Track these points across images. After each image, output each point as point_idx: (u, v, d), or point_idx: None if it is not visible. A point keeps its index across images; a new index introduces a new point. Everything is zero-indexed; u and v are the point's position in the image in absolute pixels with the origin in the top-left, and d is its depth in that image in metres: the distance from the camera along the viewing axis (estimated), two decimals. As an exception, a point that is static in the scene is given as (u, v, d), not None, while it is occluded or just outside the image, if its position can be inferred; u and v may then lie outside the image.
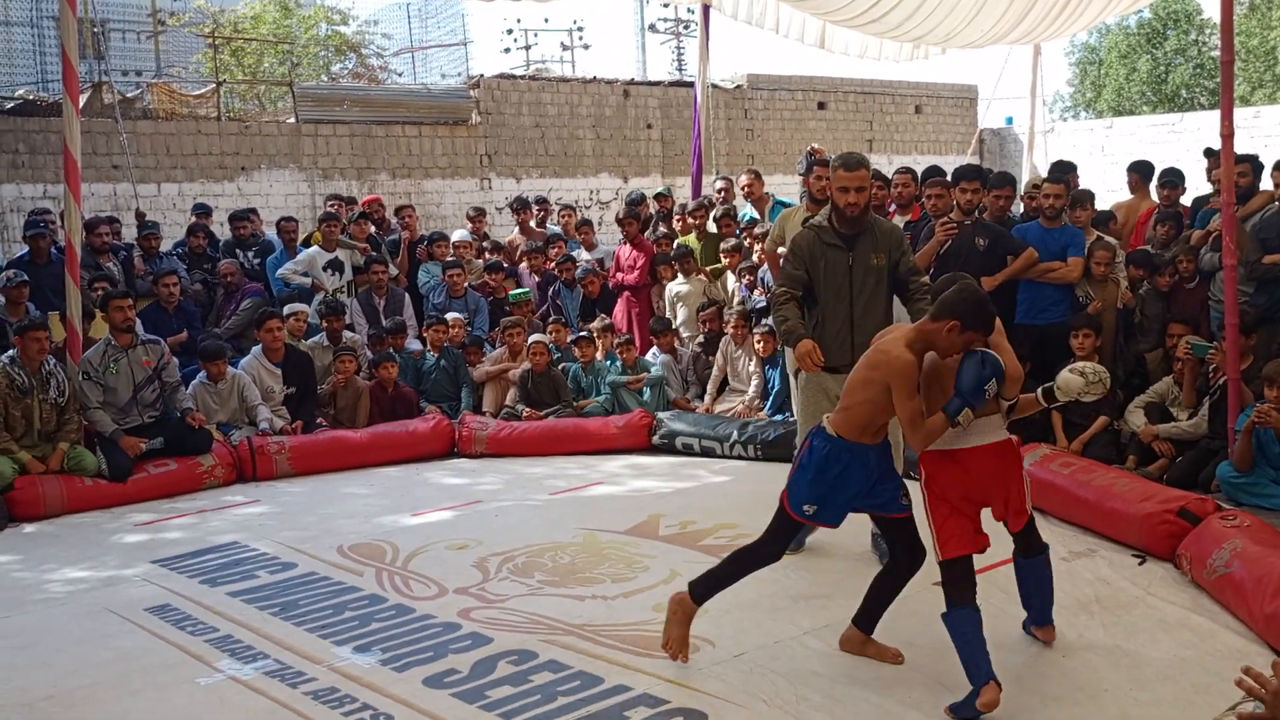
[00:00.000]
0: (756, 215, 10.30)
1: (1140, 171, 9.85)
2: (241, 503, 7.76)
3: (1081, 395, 4.37)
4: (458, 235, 11.81)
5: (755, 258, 9.64)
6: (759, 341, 9.09)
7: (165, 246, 11.58)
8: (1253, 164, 7.92)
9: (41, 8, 22.61)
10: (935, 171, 8.62)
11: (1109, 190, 13.32)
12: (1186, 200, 9.33)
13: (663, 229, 11.01)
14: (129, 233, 11.86)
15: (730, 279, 10.05)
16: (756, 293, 9.56)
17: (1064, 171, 9.44)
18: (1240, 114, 19.12)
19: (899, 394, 4.17)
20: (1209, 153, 9.15)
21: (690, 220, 10.62)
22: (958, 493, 4.28)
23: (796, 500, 4.43)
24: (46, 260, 9.41)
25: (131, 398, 8.14)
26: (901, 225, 8.93)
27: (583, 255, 11.36)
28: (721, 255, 10.12)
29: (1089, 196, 8.54)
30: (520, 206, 12.37)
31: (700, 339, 9.87)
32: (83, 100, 10.32)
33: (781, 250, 8.71)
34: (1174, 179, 9.37)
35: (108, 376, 8.06)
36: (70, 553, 6.63)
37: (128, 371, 8.13)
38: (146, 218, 12.23)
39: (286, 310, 9.57)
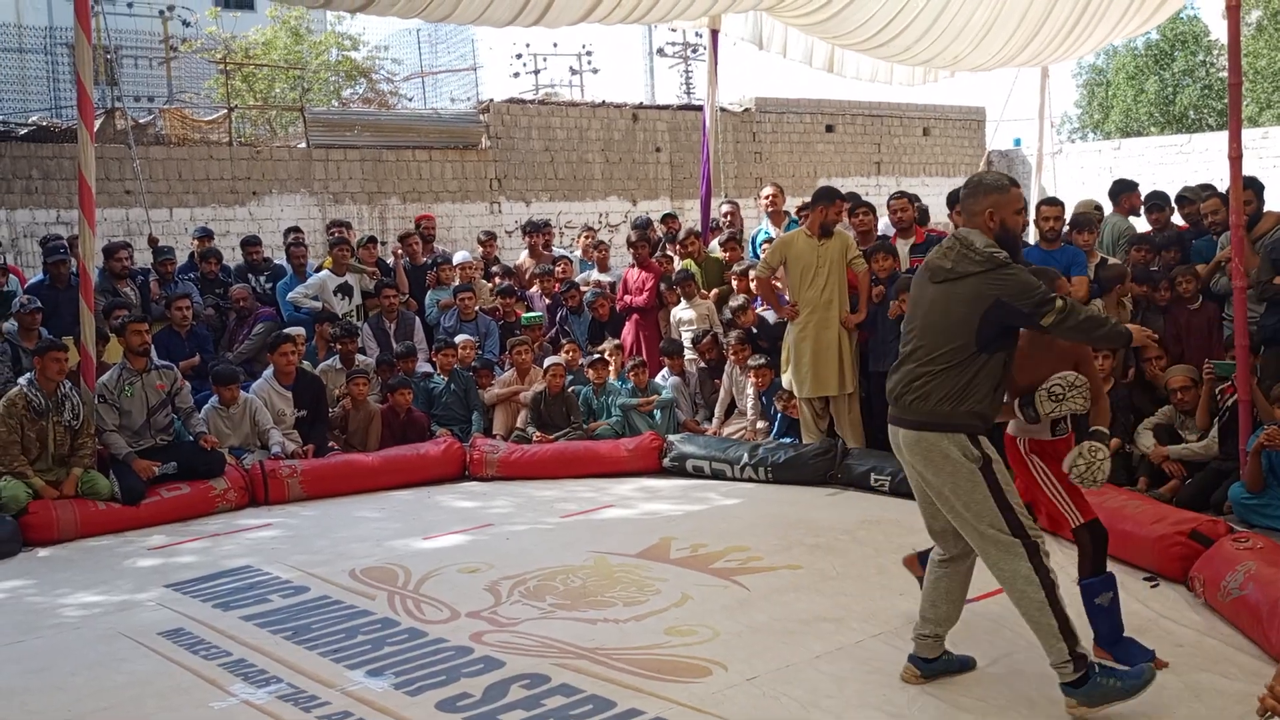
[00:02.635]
0: (772, 232, 10.29)
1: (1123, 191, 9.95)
2: (254, 526, 7.78)
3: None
4: (460, 257, 11.86)
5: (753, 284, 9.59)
6: (755, 376, 9.11)
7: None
8: (1254, 188, 7.91)
9: (55, 35, 22.77)
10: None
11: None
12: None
13: (668, 251, 11.05)
14: (141, 258, 11.92)
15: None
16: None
17: (1125, 189, 9.59)
18: (1248, 135, 19.14)
19: None
20: (1181, 199, 9.23)
21: (684, 247, 10.64)
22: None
23: None
24: (66, 285, 9.47)
25: (145, 421, 8.20)
26: (906, 249, 8.99)
27: (594, 276, 11.43)
28: (730, 278, 10.14)
29: (1093, 220, 8.55)
30: (533, 230, 12.44)
31: (702, 364, 9.89)
32: (96, 126, 10.39)
33: (778, 279, 8.76)
34: (1160, 202, 9.39)
35: (122, 399, 8.12)
36: (84, 577, 6.65)
37: (141, 395, 8.19)
38: (160, 243, 12.30)
39: (279, 334, 9.56)
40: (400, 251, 11.51)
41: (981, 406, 4.28)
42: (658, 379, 9.90)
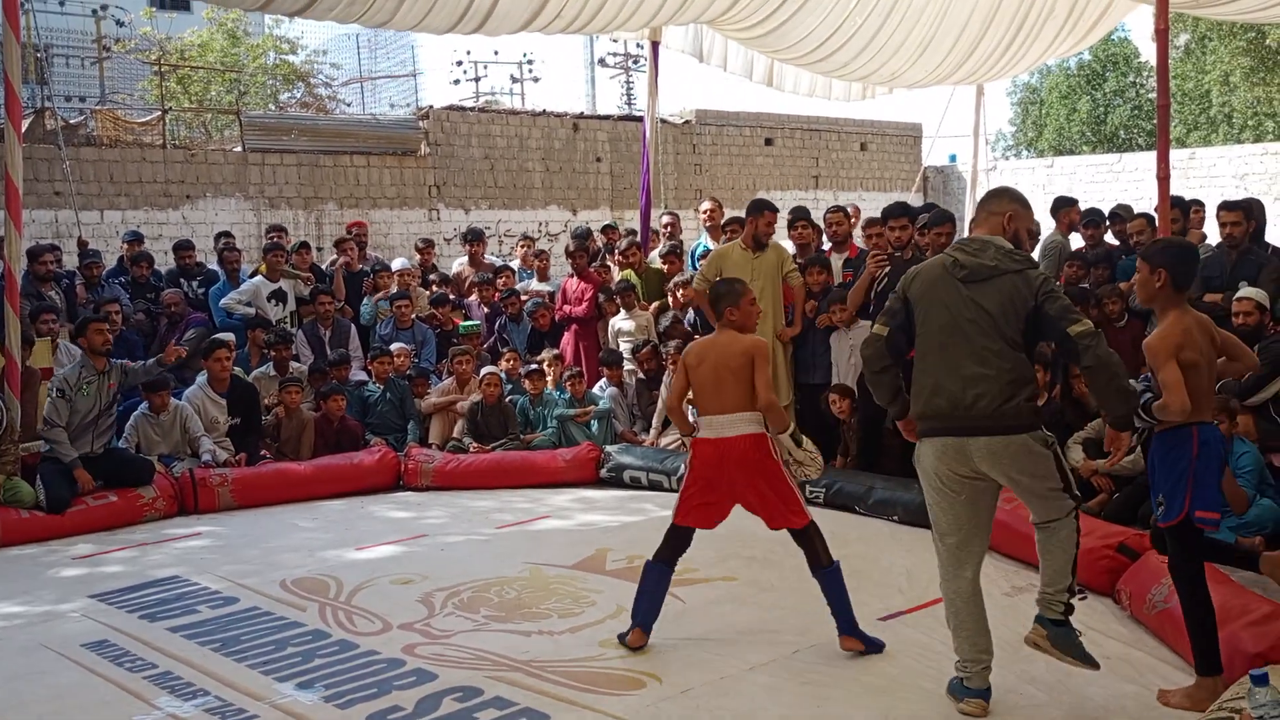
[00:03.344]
0: (711, 246, 10.32)
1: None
2: (182, 536, 7.65)
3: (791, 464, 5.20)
4: (398, 264, 11.77)
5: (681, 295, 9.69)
6: None
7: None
8: (1182, 208, 8.08)
9: (-17, 32, 22.33)
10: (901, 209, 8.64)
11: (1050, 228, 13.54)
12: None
13: (607, 262, 11.05)
14: (70, 260, 11.70)
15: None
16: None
17: (1064, 204, 9.70)
18: (1175, 155, 19.57)
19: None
20: (1114, 215, 9.40)
21: (625, 258, 10.65)
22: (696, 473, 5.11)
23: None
24: (-12, 288, 9.26)
25: (92, 422, 7.99)
26: (841, 262, 9.06)
27: (533, 285, 11.40)
28: (667, 291, 10.16)
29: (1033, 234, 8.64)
30: (473, 238, 12.38)
31: (640, 375, 9.90)
32: (24, 126, 10.20)
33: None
34: (1096, 219, 9.56)
35: (78, 398, 7.91)
36: (5, 587, 6.48)
37: (95, 395, 7.99)
38: (89, 246, 12.08)
39: (213, 339, 9.42)
40: (342, 261, 11.34)
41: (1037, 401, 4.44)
42: (595, 389, 9.89)
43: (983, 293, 4.29)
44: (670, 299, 10.04)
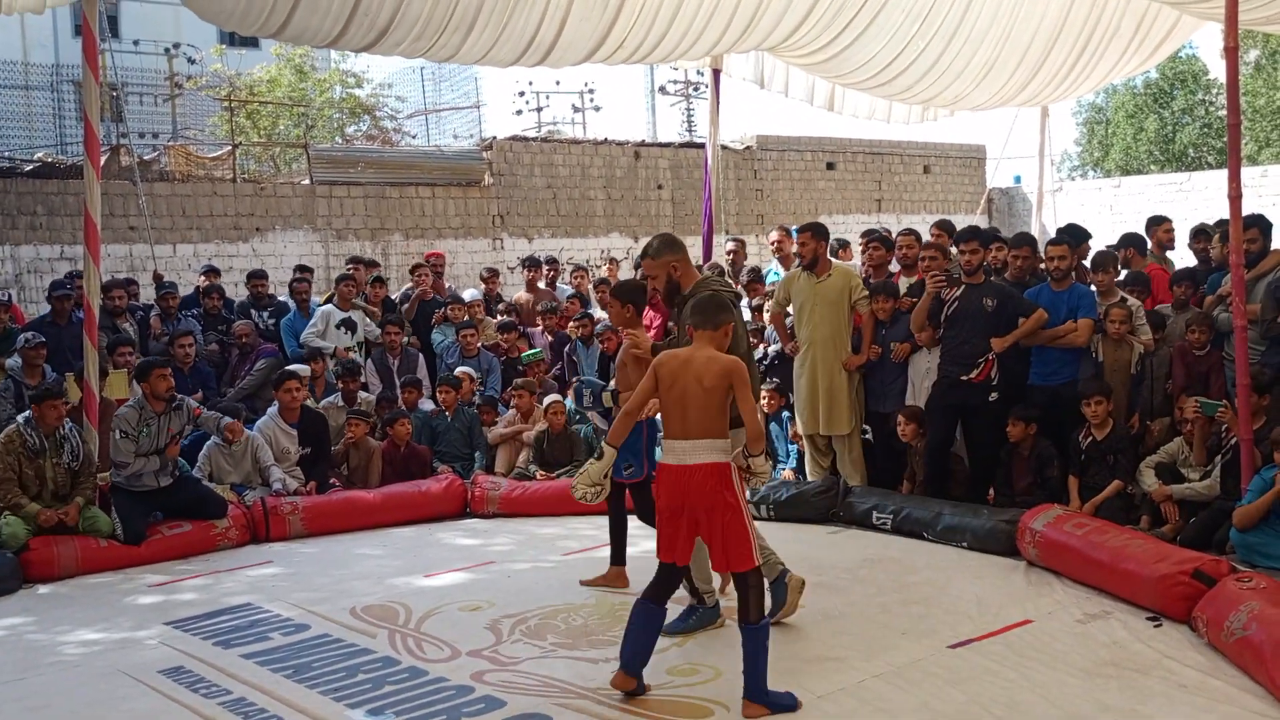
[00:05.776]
0: (781, 273, 10.29)
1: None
2: (255, 564, 7.76)
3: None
4: (469, 294, 11.88)
5: (767, 318, 9.66)
6: (764, 398, 9.14)
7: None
8: (1260, 226, 7.88)
9: (61, 72, 22.95)
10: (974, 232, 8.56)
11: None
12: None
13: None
14: (146, 294, 11.95)
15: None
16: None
17: (1157, 222, 9.54)
18: (1247, 173, 19.23)
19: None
20: (1200, 233, 9.22)
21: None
22: (662, 503, 4.88)
23: None
24: (67, 321, 9.50)
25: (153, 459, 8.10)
26: (906, 287, 8.97)
27: (595, 314, 11.43)
28: (755, 315, 10.14)
29: (1111, 259, 8.49)
30: (531, 265, 12.46)
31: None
32: (101, 162, 10.47)
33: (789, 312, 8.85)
34: (1209, 231, 9.34)
35: (141, 438, 8.01)
36: (84, 614, 6.63)
37: (154, 436, 8.08)
38: (164, 279, 12.34)
39: (284, 371, 9.53)
40: (419, 291, 11.43)
41: None
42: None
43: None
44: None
